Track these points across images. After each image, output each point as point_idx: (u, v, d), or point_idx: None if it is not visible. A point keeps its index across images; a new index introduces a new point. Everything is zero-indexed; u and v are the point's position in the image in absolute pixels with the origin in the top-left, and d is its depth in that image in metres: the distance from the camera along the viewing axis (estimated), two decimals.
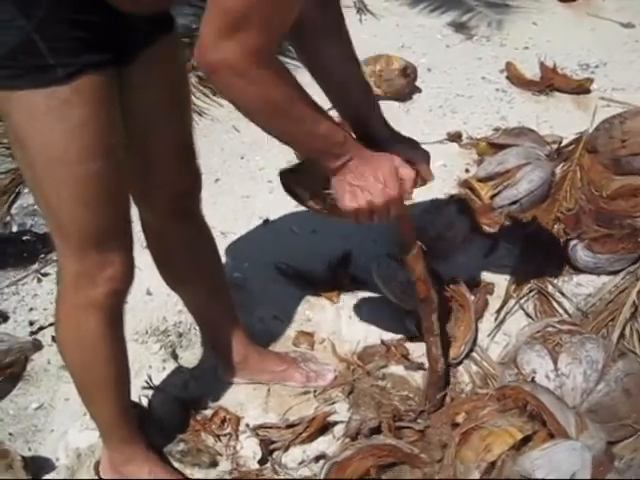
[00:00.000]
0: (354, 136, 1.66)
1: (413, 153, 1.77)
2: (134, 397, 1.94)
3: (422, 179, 1.78)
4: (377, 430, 1.97)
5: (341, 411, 2.07)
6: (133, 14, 1.40)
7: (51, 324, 2.29)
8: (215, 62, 1.28)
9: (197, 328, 2.30)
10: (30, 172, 1.44)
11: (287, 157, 2.68)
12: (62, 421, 2.08)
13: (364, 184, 1.57)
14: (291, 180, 1.74)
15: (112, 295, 1.59)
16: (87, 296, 1.57)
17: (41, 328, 2.34)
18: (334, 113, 1.73)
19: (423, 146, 1.81)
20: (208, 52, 1.28)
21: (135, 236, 2.50)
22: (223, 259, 2.27)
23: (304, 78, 1.59)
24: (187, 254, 1.91)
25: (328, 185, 1.62)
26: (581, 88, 3.48)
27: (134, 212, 2.24)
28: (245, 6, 1.23)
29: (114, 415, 1.78)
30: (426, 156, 1.81)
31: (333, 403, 2.10)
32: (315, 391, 2.13)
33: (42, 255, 2.57)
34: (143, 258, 2.42)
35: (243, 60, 1.27)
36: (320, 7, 1.65)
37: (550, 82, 3.50)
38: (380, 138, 1.76)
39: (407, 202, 1.76)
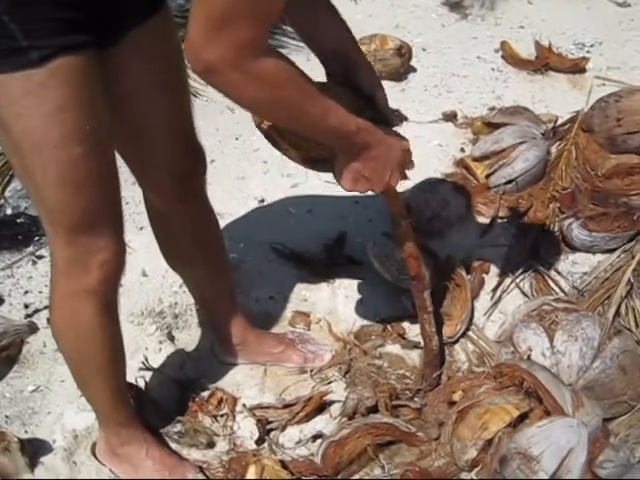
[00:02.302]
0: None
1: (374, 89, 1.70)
2: (130, 379, 1.94)
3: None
4: (374, 409, 1.98)
5: (338, 390, 2.07)
6: None
7: (46, 307, 2.29)
8: (210, 60, 1.23)
9: (193, 309, 2.31)
10: (16, 158, 1.42)
11: None
12: (58, 403, 2.08)
13: (370, 176, 1.59)
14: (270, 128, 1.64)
15: (105, 281, 1.58)
16: (80, 283, 1.56)
17: (36, 311, 2.34)
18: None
19: (419, 126, 1.81)
20: (200, 51, 1.23)
21: (130, 217, 2.54)
22: None
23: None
24: (191, 235, 1.91)
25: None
26: (576, 67, 3.47)
27: (131, 193, 2.26)
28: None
29: (110, 399, 1.79)
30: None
31: (330, 382, 2.10)
32: (312, 371, 2.13)
33: (37, 238, 2.56)
34: (138, 239, 2.44)
35: (238, 53, 1.23)
36: None
37: (545, 61, 3.48)
38: (355, 62, 1.68)
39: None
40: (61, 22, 1.30)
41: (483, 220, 2.61)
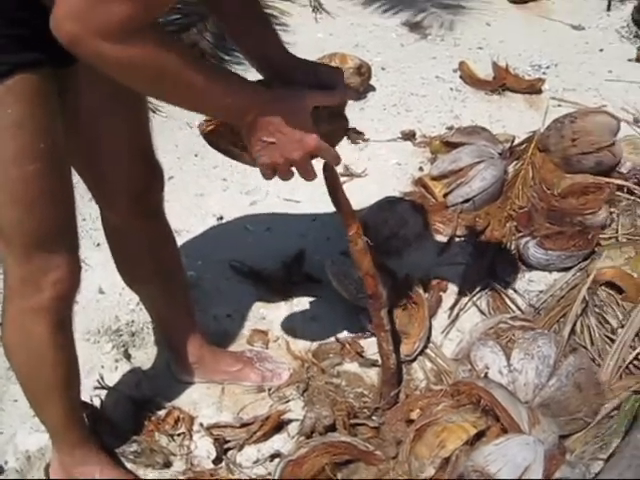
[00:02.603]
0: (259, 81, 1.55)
1: (326, 75, 1.60)
2: (86, 397, 1.92)
3: (350, 95, 1.68)
4: (332, 428, 1.97)
5: (296, 409, 2.06)
6: None
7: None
8: (79, 31, 1.15)
9: (150, 327, 2.29)
10: None
11: None
12: (11, 423, 2.05)
13: (278, 140, 1.46)
14: (215, 135, 1.58)
15: (58, 299, 1.56)
16: (32, 301, 1.54)
17: None
18: None
19: (377, 144, 1.79)
20: (70, 19, 1.15)
21: (87, 234, 2.52)
22: None
23: None
24: (148, 252, 1.90)
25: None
26: (533, 88, 3.52)
27: (88, 210, 2.23)
28: None
29: (63, 418, 1.76)
30: (338, 73, 1.63)
31: (287, 401, 2.09)
32: (270, 389, 2.12)
33: None
34: (95, 256, 2.42)
35: (114, 28, 1.16)
36: None
37: (503, 82, 3.53)
38: (282, 63, 1.60)
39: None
40: (15, 39, 1.29)
41: (441, 239, 2.63)
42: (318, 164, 1.62)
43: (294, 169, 1.54)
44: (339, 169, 2.87)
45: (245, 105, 1.41)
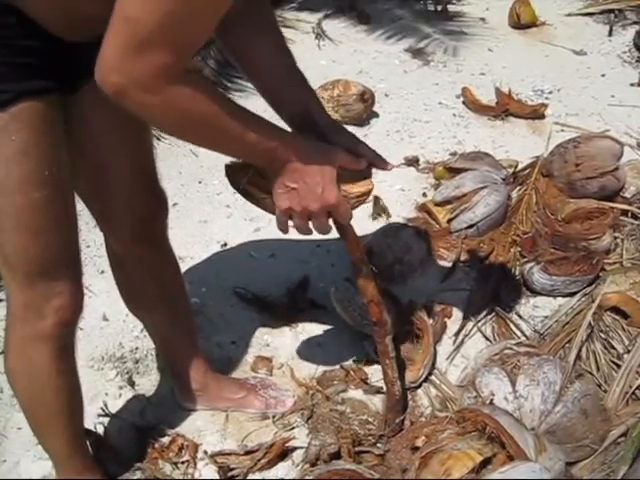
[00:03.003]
0: (291, 130, 1.59)
1: (355, 142, 1.68)
2: (89, 424, 1.91)
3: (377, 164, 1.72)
4: (337, 455, 1.95)
5: (300, 436, 2.05)
6: (75, 42, 1.37)
7: (2, 352, 2.25)
8: (123, 82, 1.19)
9: (154, 354, 2.28)
10: None
11: None
12: (14, 451, 2.03)
13: (300, 188, 1.49)
14: (240, 177, 1.60)
15: (61, 326, 1.55)
16: (35, 328, 1.53)
17: None
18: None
19: (381, 171, 1.79)
20: (114, 72, 1.19)
21: (91, 261, 2.52)
22: None
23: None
24: (151, 280, 1.89)
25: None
26: (536, 113, 3.53)
27: (92, 236, 2.24)
28: (156, 22, 1.16)
29: (66, 446, 1.74)
30: (367, 147, 1.71)
31: (292, 428, 2.08)
32: (274, 417, 2.11)
33: None
34: (99, 283, 2.42)
35: (153, 78, 1.20)
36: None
37: (506, 107, 3.55)
38: (322, 125, 1.64)
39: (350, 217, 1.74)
40: (21, 67, 1.30)
41: (445, 264, 2.62)
42: None
43: (310, 224, 1.57)
44: None
45: (277, 151, 1.44)
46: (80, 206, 1.58)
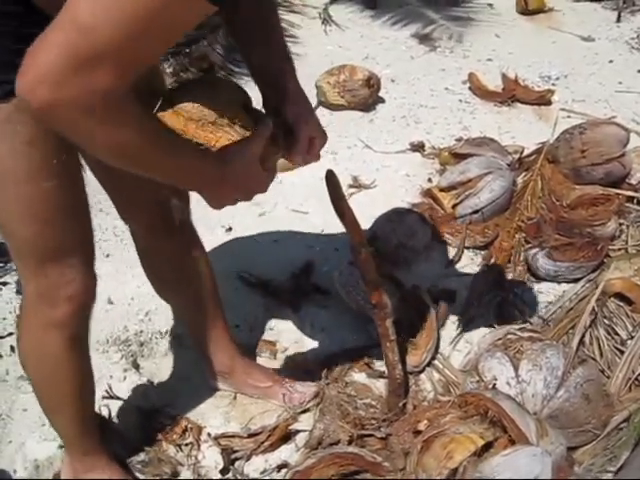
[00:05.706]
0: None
1: (305, 118, 1.60)
2: (95, 407, 1.92)
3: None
4: (340, 440, 1.96)
5: (303, 419, 2.06)
6: None
7: (10, 334, 2.27)
8: (57, 98, 1.03)
9: (159, 337, 2.30)
10: None
11: None
12: (20, 432, 2.05)
13: (234, 195, 1.52)
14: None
15: (73, 313, 1.56)
16: (47, 315, 1.54)
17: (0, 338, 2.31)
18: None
19: (386, 156, 1.78)
20: (48, 85, 1.02)
21: (96, 245, 2.49)
22: None
23: None
24: (178, 265, 1.90)
25: None
26: (542, 99, 3.53)
27: (98, 221, 2.23)
28: (115, 35, 1.01)
29: (75, 428, 1.77)
30: (316, 126, 1.63)
31: (303, 412, 2.08)
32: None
33: (0, 264, 2.53)
34: (104, 266, 2.42)
35: (94, 99, 1.04)
36: None
37: (512, 93, 3.54)
38: (290, 90, 1.58)
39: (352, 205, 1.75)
40: (22, 56, 1.29)
41: (449, 250, 2.63)
42: (320, 172, 1.62)
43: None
44: (347, 180, 2.89)
45: (206, 173, 1.43)
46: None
